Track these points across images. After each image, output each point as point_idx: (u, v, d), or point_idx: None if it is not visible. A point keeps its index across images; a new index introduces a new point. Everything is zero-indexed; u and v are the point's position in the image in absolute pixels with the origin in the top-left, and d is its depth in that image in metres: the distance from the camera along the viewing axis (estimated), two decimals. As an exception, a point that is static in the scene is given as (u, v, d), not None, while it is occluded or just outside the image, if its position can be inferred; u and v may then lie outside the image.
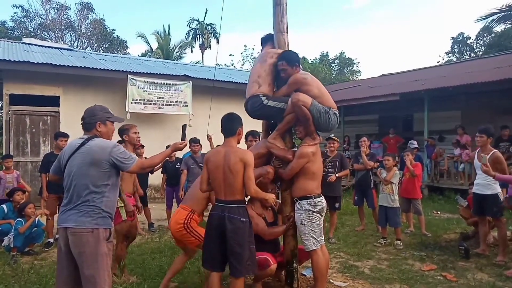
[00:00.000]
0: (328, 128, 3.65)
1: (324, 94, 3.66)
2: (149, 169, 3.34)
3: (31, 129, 8.84)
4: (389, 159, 5.95)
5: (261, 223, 3.62)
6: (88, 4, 27.71)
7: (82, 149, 2.63)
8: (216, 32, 30.68)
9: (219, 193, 3.11)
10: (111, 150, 2.63)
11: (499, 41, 25.78)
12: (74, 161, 2.63)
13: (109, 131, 2.85)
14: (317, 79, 3.82)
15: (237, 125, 3.22)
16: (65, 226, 2.59)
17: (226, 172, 3.05)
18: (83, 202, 2.57)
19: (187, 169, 6.53)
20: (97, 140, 2.69)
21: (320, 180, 3.69)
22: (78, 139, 2.74)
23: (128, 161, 2.70)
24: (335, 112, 3.61)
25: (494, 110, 10.29)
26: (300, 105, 3.45)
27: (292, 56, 3.69)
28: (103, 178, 2.63)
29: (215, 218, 3.06)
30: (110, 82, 9.53)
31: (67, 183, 2.66)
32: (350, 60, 38.15)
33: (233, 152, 3.07)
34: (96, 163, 2.60)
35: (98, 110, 2.82)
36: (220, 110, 10.34)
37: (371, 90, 13.77)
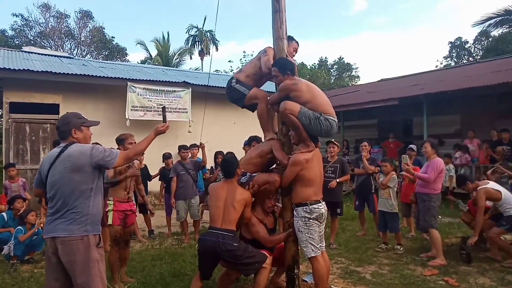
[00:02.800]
0: (321, 133, 3.54)
1: (317, 98, 3.55)
2: (136, 157, 3.35)
3: (31, 137, 8.84)
4: (387, 165, 5.94)
5: (262, 231, 3.66)
6: (88, 12, 27.86)
7: (62, 157, 2.61)
8: (215, 38, 30.81)
9: (216, 221, 3.46)
10: (90, 153, 2.62)
11: (496, 45, 25.88)
12: (55, 170, 2.61)
13: (86, 136, 2.83)
14: (313, 84, 3.77)
15: (235, 168, 3.59)
16: (54, 236, 2.56)
17: (228, 206, 3.44)
18: (69, 209, 2.55)
19: (177, 175, 6.50)
20: (75, 146, 2.67)
21: (319, 187, 3.63)
22: (56, 148, 2.72)
23: (110, 157, 2.68)
24: (327, 118, 3.47)
25: (493, 114, 10.32)
26: (287, 114, 3.43)
27: (284, 64, 3.64)
28: (88, 182, 2.62)
29: (209, 243, 3.39)
30: (110, 90, 9.56)
31: (50, 193, 2.63)
32: (349, 65, 38.26)
33: (237, 190, 3.51)
34: (78, 169, 2.58)
35: (71, 117, 2.81)
36: (219, 116, 10.49)
37: (370, 95, 13.81)
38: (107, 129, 8.93)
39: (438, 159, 5.32)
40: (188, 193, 6.48)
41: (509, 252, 5.01)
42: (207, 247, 3.40)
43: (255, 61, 3.99)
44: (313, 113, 3.44)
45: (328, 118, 3.47)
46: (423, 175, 5.24)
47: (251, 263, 3.43)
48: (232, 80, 3.99)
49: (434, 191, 5.24)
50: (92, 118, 2.94)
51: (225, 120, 10.53)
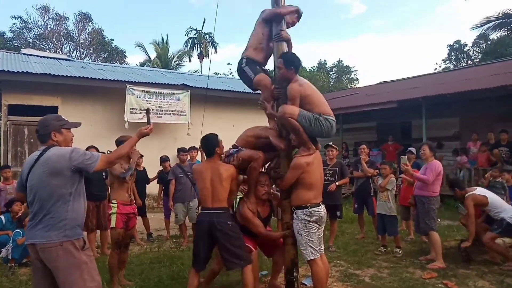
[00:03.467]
0: (322, 134, 3.53)
1: (316, 99, 3.57)
2: (118, 161, 3.23)
3: (29, 139, 8.82)
4: (386, 167, 5.95)
5: (259, 225, 3.65)
6: (87, 15, 27.94)
7: (41, 160, 2.54)
8: (214, 41, 30.85)
9: (207, 201, 3.50)
10: (70, 156, 2.53)
11: (495, 48, 25.99)
12: (34, 174, 2.54)
13: (66, 139, 2.72)
14: (312, 85, 3.77)
15: (214, 146, 3.59)
16: (33, 243, 2.50)
17: (215, 182, 3.46)
18: (47, 214, 2.48)
19: (175, 178, 6.49)
20: (55, 149, 2.59)
21: (320, 190, 3.63)
22: (36, 151, 2.64)
23: (91, 161, 2.58)
24: (326, 118, 3.48)
25: (492, 117, 10.33)
26: (287, 118, 3.42)
27: (290, 58, 3.62)
28: (66, 186, 2.53)
29: (205, 224, 3.43)
30: (109, 92, 9.56)
31: (29, 196, 2.56)
32: (348, 68, 38.35)
33: (221, 167, 3.52)
34: (57, 172, 2.50)
35: (51, 120, 2.71)
36: (218, 118, 10.49)
37: (369, 97, 13.82)
38: (105, 131, 8.96)
39: (436, 162, 5.32)
40: (187, 196, 6.46)
41: (507, 256, 5.00)
42: (203, 228, 3.44)
43: (256, 29, 3.94)
44: (313, 114, 3.45)
45: (327, 118, 3.50)
46: (422, 176, 5.24)
47: (237, 255, 3.39)
48: (242, 60, 3.93)
49: (433, 193, 5.24)
50: (91, 120, 2.94)
51: (224, 123, 10.52)
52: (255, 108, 7.73)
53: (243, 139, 3.83)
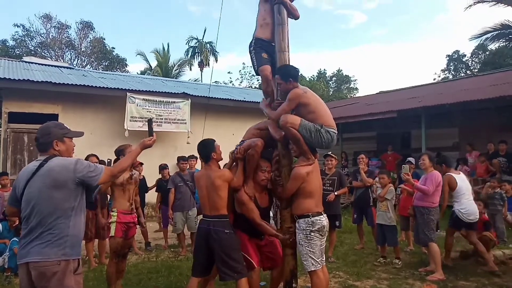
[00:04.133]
0: (322, 146, 3.54)
1: (319, 110, 3.56)
2: (121, 174, 3.08)
3: (29, 147, 8.82)
4: (384, 177, 5.94)
5: (254, 210, 3.55)
6: (89, 23, 28.16)
7: (41, 172, 2.35)
8: (215, 50, 31.06)
9: (205, 209, 3.51)
10: (74, 167, 2.38)
11: (493, 59, 26.16)
12: (33, 186, 2.34)
13: (68, 149, 2.57)
14: (316, 94, 3.77)
15: (210, 151, 3.55)
16: (27, 261, 2.27)
17: (210, 191, 3.44)
18: (46, 230, 2.28)
19: (175, 187, 6.46)
20: (57, 160, 2.42)
21: (320, 198, 3.63)
22: (35, 162, 2.46)
23: (95, 173, 2.45)
24: (328, 130, 3.47)
25: (491, 127, 10.35)
26: (288, 127, 3.42)
27: (286, 71, 3.65)
28: (69, 200, 2.37)
29: (202, 231, 3.45)
30: (109, 100, 9.59)
31: (25, 211, 2.34)
32: (348, 78, 38.51)
33: (213, 172, 3.49)
34: (60, 185, 2.33)
35: (53, 127, 2.56)
36: (218, 127, 10.51)
37: (368, 107, 13.86)
38: (105, 140, 8.98)
39: (436, 172, 5.33)
40: (186, 205, 6.44)
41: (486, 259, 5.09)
42: (201, 235, 3.45)
43: (259, 9, 4.03)
44: (314, 125, 3.44)
45: (329, 130, 3.48)
46: (422, 187, 5.23)
47: (232, 267, 3.31)
48: (251, 42, 4.02)
49: (433, 204, 5.23)
50: (92, 128, 2.93)
51: (224, 131, 10.54)
52: (255, 117, 7.76)
53: (250, 133, 3.90)
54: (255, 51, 3.95)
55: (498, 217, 6.87)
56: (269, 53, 3.91)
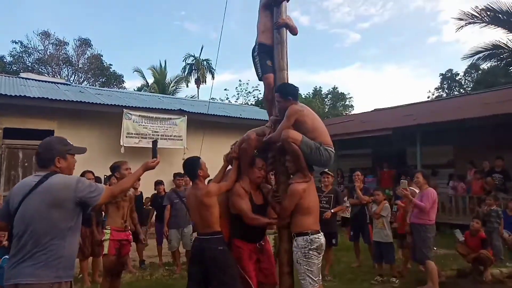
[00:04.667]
0: (320, 163, 3.56)
1: (318, 128, 3.57)
2: (122, 194, 3.00)
3: (23, 163, 8.77)
4: (379, 194, 5.97)
5: (245, 204, 3.48)
6: (87, 40, 28.37)
7: (40, 189, 2.24)
8: (211, 67, 31.34)
9: (198, 227, 3.50)
10: (75, 186, 2.29)
11: (486, 77, 26.59)
12: (30, 203, 2.22)
13: (70, 165, 2.48)
14: (313, 112, 3.76)
15: (196, 169, 3.47)
16: (17, 282, 2.13)
17: (200, 209, 3.38)
18: (40, 250, 2.16)
19: (170, 204, 6.40)
20: (58, 177, 2.32)
21: (317, 215, 3.60)
22: (33, 177, 2.35)
23: (95, 194, 2.35)
24: (326, 148, 3.48)
25: (486, 145, 10.43)
26: (289, 142, 3.40)
27: (285, 89, 3.67)
28: (67, 220, 2.26)
29: (196, 249, 3.42)
30: (106, 116, 9.60)
31: (19, 228, 2.22)
32: (343, 95, 38.89)
33: (200, 191, 3.40)
34: (59, 204, 2.23)
35: (56, 143, 2.46)
36: (215, 143, 10.52)
37: (364, 124, 13.96)
38: (101, 156, 8.94)
39: (431, 189, 5.35)
40: (181, 222, 6.38)
41: None
42: (195, 253, 3.41)
43: (260, 15, 4.07)
44: (314, 143, 3.44)
45: (327, 148, 3.49)
46: (420, 203, 5.22)
47: (228, 284, 3.21)
48: (254, 47, 4.05)
49: (429, 221, 5.22)
50: (87, 144, 2.89)
51: (221, 147, 10.48)
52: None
53: None
54: (259, 57, 3.98)
55: (495, 234, 6.86)
56: (273, 60, 3.95)
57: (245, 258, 3.48)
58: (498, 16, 12.43)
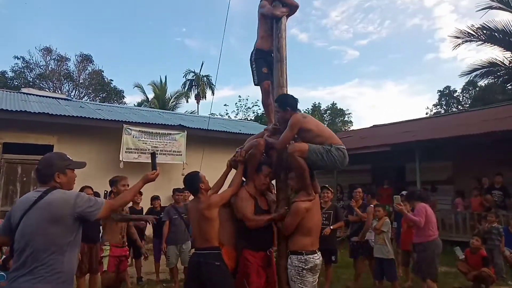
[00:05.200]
0: (336, 165, 3.49)
1: (324, 131, 3.58)
2: (121, 208, 2.97)
3: (22, 177, 8.73)
4: (380, 210, 5.95)
5: (248, 207, 3.45)
6: (88, 56, 28.65)
7: (40, 204, 2.26)
8: (211, 83, 31.60)
9: (196, 241, 3.45)
10: (74, 202, 2.31)
11: (483, 94, 26.80)
12: (30, 219, 2.25)
13: (70, 180, 2.50)
14: (314, 118, 3.80)
15: (197, 183, 3.44)
16: None
17: (201, 222, 3.35)
18: (39, 265, 2.19)
19: (169, 220, 6.33)
20: (58, 193, 2.34)
21: (317, 236, 3.54)
22: (34, 192, 2.37)
23: (94, 208, 2.37)
24: (338, 147, 3.45)
25: (485, 162, 10.44)
26: (295, 156, 3.34)
27: (283, 100, 3.70)
28: (66, 236, 2.28)
29: (193, 264, 3.35)
30: (106, 132, 9.62)
31: (20, 244, 2.24)
32: (342, 111, 39.08)
33: (202, 203, 3.37)
34: (58, 220, 2.25)
35: (55, 159, 2.49)
36: (213, 158, 10.52)
37: (363, 140, 14.00)
38: (100, 171, 8.91)
39: (422, 204, 5.43)
40: (180, 238, 6.32)
41: None
42: (192, 269, 3.35)
43: (260, 21, 4.15)
44: (322, 147, 3.40)
45: (339, 147, 3.46)
46: (413, 218, 5.28)
47: None
48: (252, 52, 4.14)
49: (429, 237, 5.23)
50: (86, 159, 2.89)
51: (220, 162, 10.50)
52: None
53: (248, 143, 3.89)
54: (256, 63, 4.07)
55: (496, 252, 6.80)
56: (269, 64, 4.03)
57: (253, 275, 3.40)
58: (494, 34, 12.64)
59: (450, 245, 8.77)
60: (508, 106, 13.64)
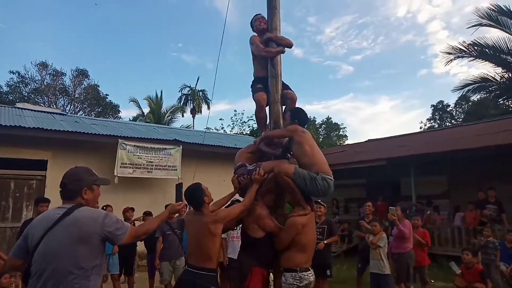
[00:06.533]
0: (319, 193, 3.42)
1: (316, 155, 3.51)
2: (144, 237, 2.88)
3: (15, 193, 8.63)
4: (376, 224, 5.97)
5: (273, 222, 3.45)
6: (84, 71, 28.74)
7: (66, 222, 2.08)
8: (207, 97, 31.72)
9: (192, 257, 3.22)
10: (103, 221, 2.14)
11: (476, 109, 27.12)
12: (53, 237, 2.05)
13: (95, 197, 2.36)
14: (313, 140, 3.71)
15: (202, 196, 3.23)
16: None
17: (202, 237, 3.14)
18: None
19: (162, 236, 6.24)
20: (85, 210, 2.18)
21: (311, 253, 3.49)
22: (57, 209, 2.20)
23: (121, 232, 2.21)
24: (324, 177, 3.34)
25: (479, 176, 10.50)
26: (282, 176, 3.36)
27: (297, 112, 3.78)
28: (92, 257, 2.10)
29: (186, 283, 3.09)
30: (100, 146, 9.58)
31: (39, 266, 2.03)
32: (337, 125, 39.28)
33: (207, 217, 3.17)
34: (85, 239, 2.07)
35: (83, 173, 2.34)
36: (209, 173, 10.51)
37: (358, 154, 14.06)
38: (94, 186, 8.86)
39: (407, 221, 6.28)
40: (174, 254, 6.23)
41: None
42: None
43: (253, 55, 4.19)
44: (308, 173, 3.33)
45: (325, 177, 3.36)
46: (403, 229, 6.01)
47: None
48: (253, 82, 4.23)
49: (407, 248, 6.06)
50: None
51: (215, 177, 10.48)
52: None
53: (243, 157, 3.82)
54: (253, 87, 4.14)
55: (492, 267, 6.76)
56: (264, 84, 4.06)
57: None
58: (485, 50, 12.88)
59: (446, 260, 8.73)
60: (501, 120, 13.81)
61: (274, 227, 3.43)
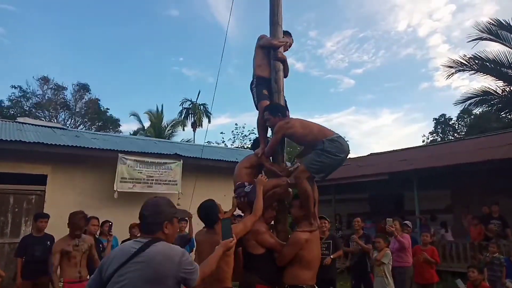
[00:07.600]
0: (339, 160, 3.42)
1: (313, 128, 3.54)
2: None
3: (14, 208, 8.53)
4: (380, 241, 5.85)
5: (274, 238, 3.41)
6: (85, 85, 28.92)
7: (140, 258, 1.91)
8: (208, 111, 31.80)
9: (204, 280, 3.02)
10: (180, 260, 1.95)
11: (479, 122, 27.11)
12: (126, 273, 1.88)
13: (175, 232, 2.19)
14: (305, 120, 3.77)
15: (217, 213, 3.17)
16: None
17: None
18: None
19: None
20: (161, 246, 1.98)
21: (316, 270, 3.43)
22: (133, 243, 2.02)
23: (195, 275, 2.02)
24: (330, 139, 3.38)
25: (483, 189, 10.39)
26: (301, 180, 3.31)
27: (275, 107, 3.79)
28: None
29: None
30: (101, 161, 9.52)
31: None
32: (338, 139, 39.21)
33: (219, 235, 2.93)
34: (158, 279, 1.88)
35: (164, 205, 2.14)
36: (209, 188, 10.44)
37: (360, 169, 13.96)
38: (94, 201, 8.76)
39: (406, 235, 6.34)
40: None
41: None
42: None
43: (256, 51, 4.21)
44: (314, 152, 3.35)
45: (331, 139, 3.39)
46: (402, 240, 6.04)
47: None
48: (253, 80, 4.22)
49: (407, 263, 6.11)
50: (80, 189, 2.83)
51: (216, 192, 10.36)
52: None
53: (243, 173, 3.77)
54: (256, 88, 4.13)
55: (498, 284, 6.61)
56: (269, 90, 4.07)
57: None
58: (485, 64, 12.88)
59: (451, 276, 8.57)
60: (504, 134, 13.76)
61: (274, 243, 3.38)
